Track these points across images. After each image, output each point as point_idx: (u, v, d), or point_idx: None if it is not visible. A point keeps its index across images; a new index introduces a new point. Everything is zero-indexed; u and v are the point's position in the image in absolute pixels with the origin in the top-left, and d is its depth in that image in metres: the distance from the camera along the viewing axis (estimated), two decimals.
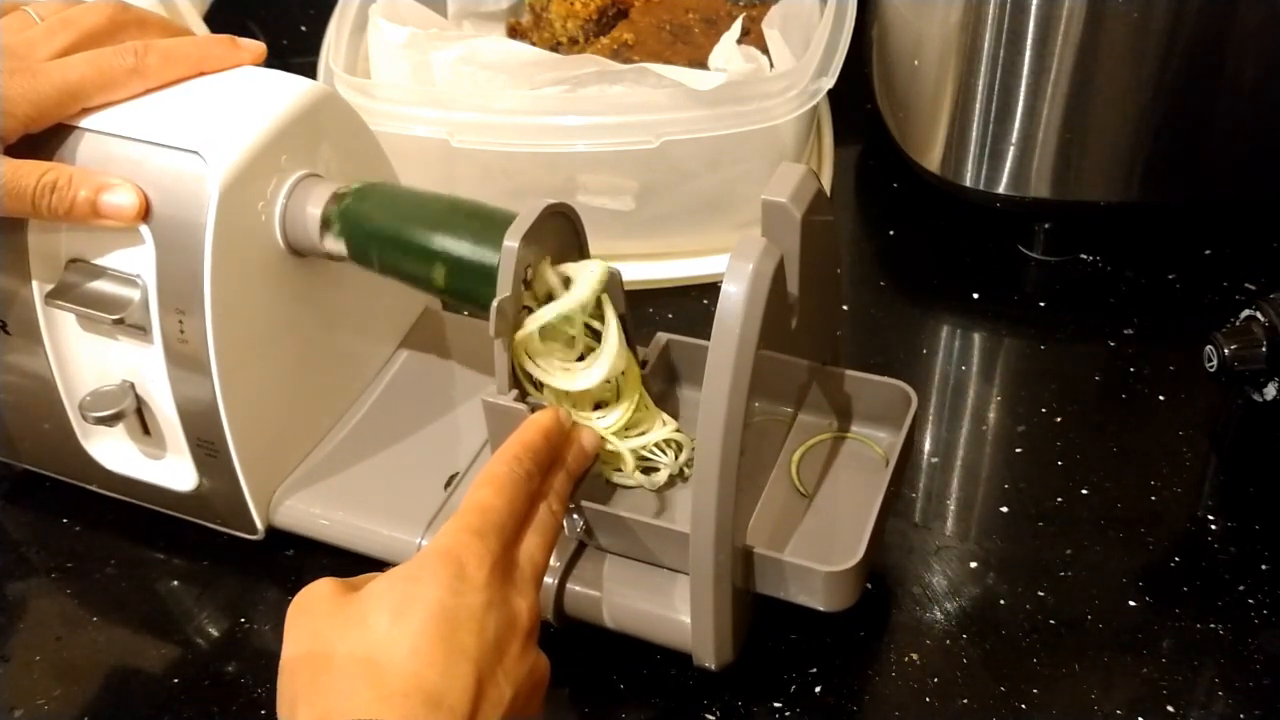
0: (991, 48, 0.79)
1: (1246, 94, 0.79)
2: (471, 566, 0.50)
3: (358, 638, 0.47)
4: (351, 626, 0.48)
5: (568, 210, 0.63)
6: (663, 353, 0.69)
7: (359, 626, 0.47)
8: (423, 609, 0.48)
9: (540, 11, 0.95)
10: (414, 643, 0.47)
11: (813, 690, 0.62)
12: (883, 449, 0.67)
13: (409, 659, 0.46)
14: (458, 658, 0.47)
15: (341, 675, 0.46)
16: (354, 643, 0.47)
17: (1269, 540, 0.69)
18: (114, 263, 0.64)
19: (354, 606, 0.49)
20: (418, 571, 0.49)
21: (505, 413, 0.60)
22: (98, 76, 0.62)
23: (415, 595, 0.48)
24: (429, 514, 0.67)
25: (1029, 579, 0.67)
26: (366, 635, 0.47)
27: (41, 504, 0.73)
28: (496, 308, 0.58)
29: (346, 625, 0.48)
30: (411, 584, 0.49)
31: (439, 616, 0.48)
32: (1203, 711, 0.61)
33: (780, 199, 0.56)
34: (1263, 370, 0.69)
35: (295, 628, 0.49)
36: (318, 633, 0.48)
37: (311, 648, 0.48)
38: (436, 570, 0.49)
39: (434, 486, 0.69)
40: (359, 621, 0.48)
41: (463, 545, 0.50)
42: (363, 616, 0.48)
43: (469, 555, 0.50)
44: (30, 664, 0.65)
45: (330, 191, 0.64)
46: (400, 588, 0.49)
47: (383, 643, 0.47)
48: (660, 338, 0.70)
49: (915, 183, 0.90)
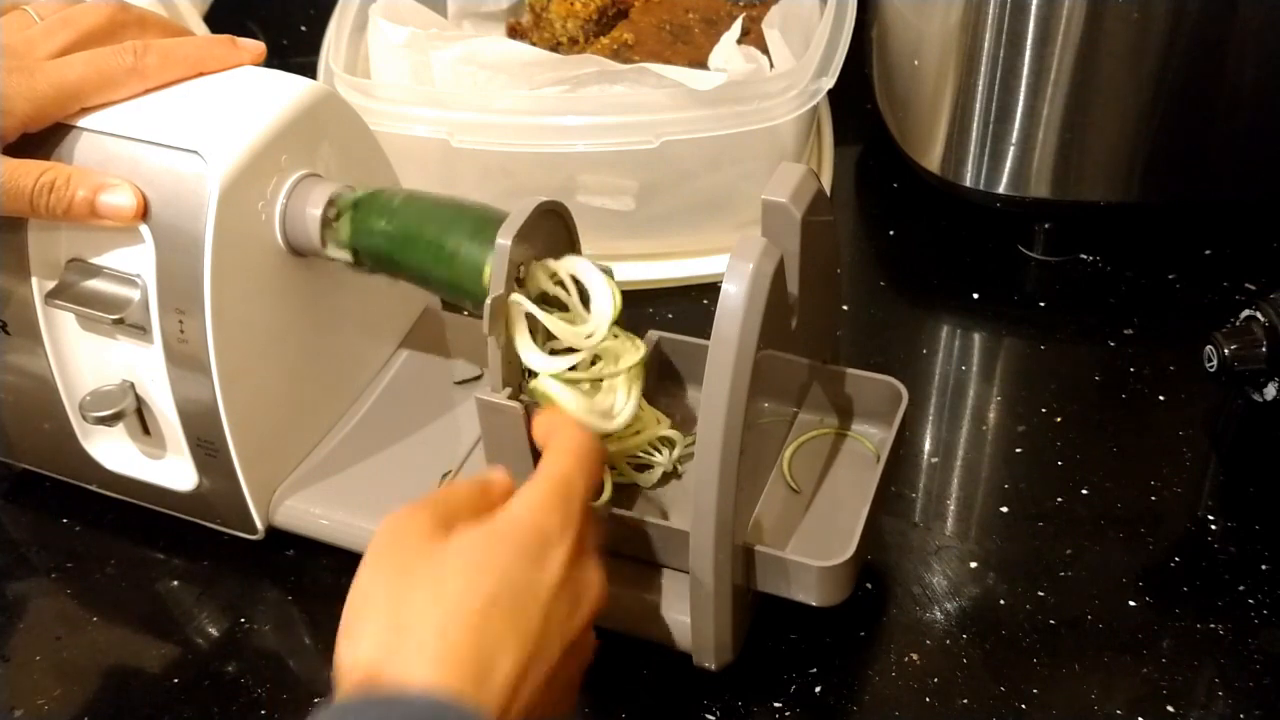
0: (991, 48, 0.79)
1: (1246, 94, 0.79)
2: (551, 544, 0.50)
3: (435, 591, 0.48)
4: (431, 579, 0.48)
5: (560, 208, 0.63)
6: (655, 350, 0.69)
7: (438, 581, 0.48)
8: (494, 579, 0.48)
9: (540, 11, 0.95)
10: (481, 615, 0.47)
11: (813, 690, 0.62)
12: (875, 445, 0.67)
13: (473, 631, 0.47)
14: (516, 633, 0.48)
15: (411, 624, 0.47)
16: (430, 596, 0.48)
17: (1269, 540, 0.69)
18: (114, 262, 0.64)
19: (438, 558, 0.49)
20: (499, 538, 0.50)
21: (499, 410, 0.60)
22: (97, 76, 0.62)
23: (492, 564, 0.49)
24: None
25: (1029, 579, 0.67)
26: (442, 592, 0.48)
27: (41, 504, 0.73)
28: (489, 305, 0.59)
29: (427, 576, 0.48)
30: (491, 552, 0.49)
31: (509, 590, 0.48)
32: (1203, 711, 0.61)
33: (780, 199, 0.56)
34: (1263, 370, 0.69)
35: (381, 558, 0.50)
36: (401, 569, 0.49)
37: (389, 587, 0.48)
38: (517, 541, 0.50)
39: (434, 486, 0.69)
40: (438, 576, 0.48)
41: (545, 520, 0.51)
42: (442, 572, 0.48)
43: (551, 531, 0.51)
44: (30, 664, 0.65)
45: (330, 191, 0.64)
46: (479, 554, 0.49)
47: (454, 606, 0.47)
48: (651, 335, 0.70)
49: (915, 183, 0.90)
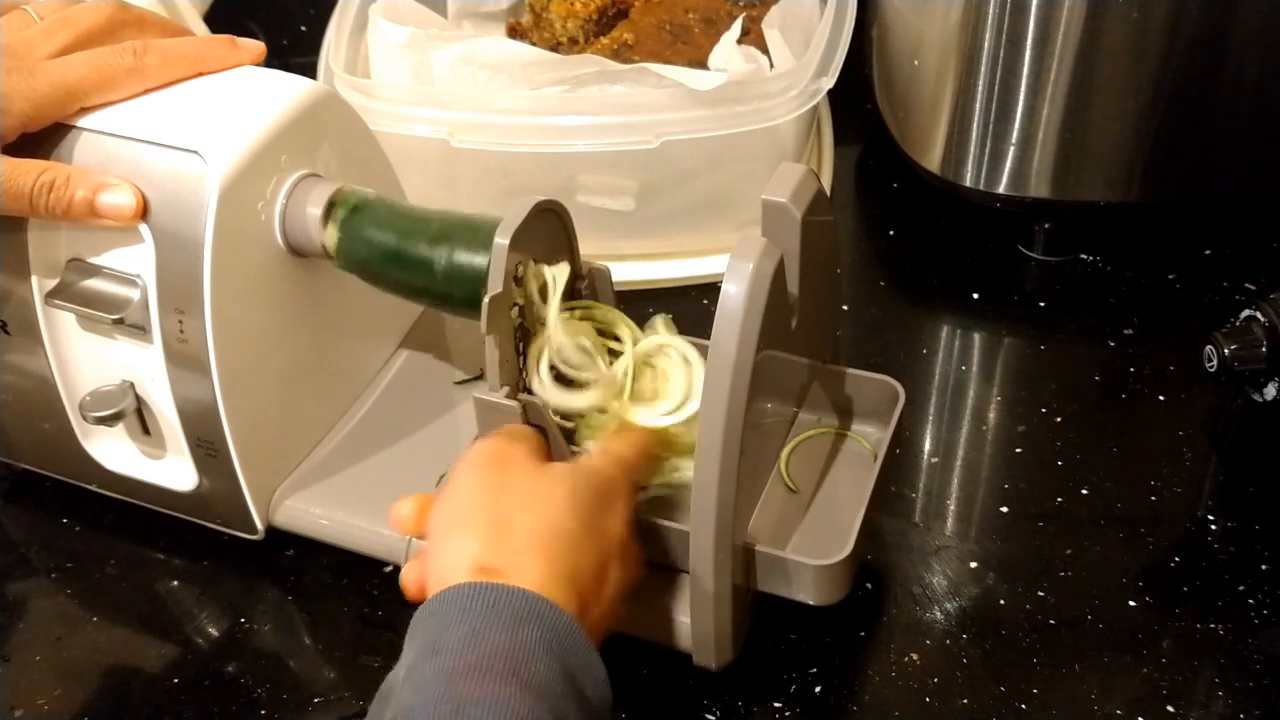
0: (991, 48, 0.79)
1: (1246, 94, 0.79)
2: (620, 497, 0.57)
3: (541, 510, 0.53)
4: (537, 499, 0.53)
5: (557, 207, 0.63)
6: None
7: (544, 501, 0.53)
8: (586, 514, 0.54)
9: (540, 11, 0.95)
10: (577, 541, 0.53)
11: (813, 690, 0.62)
12: (873, 445, 0.67)
13: (574, 554, 0.52)
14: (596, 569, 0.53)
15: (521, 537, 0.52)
16: (537, 514, 0.53)
17: (1269, 540, 0.68)
18: (114, 262, 0.64)
19: (541, 481, 0.55)
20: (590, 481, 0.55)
21: (497, 410, 0.60)
22: (96, 76, 0.62)
23: (582, 498, 0.54)
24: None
25: (1029, 579, 0.67)
26: (549, 512, 0.53)
27: (41, 504, 0.73)
28: (487, 304, 0.59)
29: (532, 495, 0.54)
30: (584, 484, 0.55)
31: (594, 527, 0.54)
32: (1203, 711, 0.61)
33: (780, 199, 0.56)
34: (1263, 370, 0.69)
35: (485, 472, 0.55)
36: (505, 487, 0.54)
37: (498, 496, 0.54)
38: (601, 487, 0.56)
39: (433, 487, 0.68)
40: (543, 498, 0.54)
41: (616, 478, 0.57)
42: (547, 495, 0.54)
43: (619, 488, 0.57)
44: (30, 664, 0.65)
45: (330, 192, 0.64)
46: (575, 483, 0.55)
47: (557, 528, 0.52)
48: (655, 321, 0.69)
49: (915, 183, 0.90)
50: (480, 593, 0.48)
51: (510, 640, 0.46)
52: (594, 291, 0.67)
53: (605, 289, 0.68)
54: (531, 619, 0.47)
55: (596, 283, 0.67)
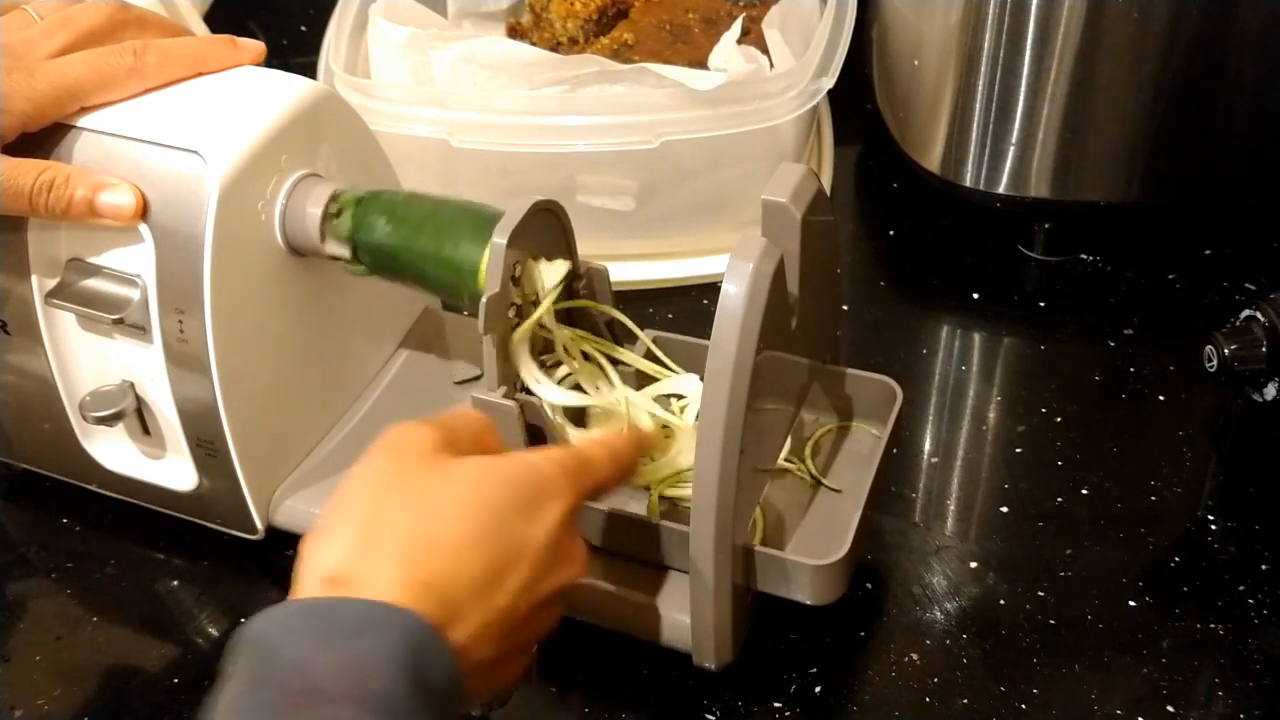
0: (991, 48, 0.79)
1: (1246, 94, 0.79)
2: (550, 500, 0.51)
3: (420, 510, 0.48)
4: (420, 497, 0.49)
5: (555, 207, 0.63)
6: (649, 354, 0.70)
7: (426, 501, 0.48)
8: (490, 518, 0.49)
9: (540, 11, 0.95)
10: (463, 546, 0.48)
11: (813, 690, 0.62)
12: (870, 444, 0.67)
13: (450, 557, 0.47)
14: (496, 581, 0.48)
15: (385, 539, 0.47)
16: (414, 514, 0.48)
17: (1269, 540, 0.68)
18: (114, 262, 0.64)
19: (433, 477, 0.49)
20: (504, 477, 0.50)
21: (495, 409, 0.60)
22: (96, 76, 0.62)
23: (489, 500, 0.49)
24: None
25: (1029, 579, 0.67)
26: (428, 514, 0.48)
27: (41, 504, 0.73)
28: (485, 304, 0.59)
29: (416, 493, 0.49)
30: (493, 488, 0.50)
31: (500, 534, 0.49)
32: (1203, 711, 0.61)
33: (780, 199, 0.56)
34: (1263, 370, 0.69)
35: (376, 463, 0.50)
36: (390, 483, 0.49)
37: (379, 493, 0.49)
38: (520, 486, 0.50)
39: None
40: (428, 496, 0.49)
41: (553, 476, 0.51)
42: (433, 493, 0.49)
43: (552, 489, 0.51)
44: (30, 664, 0.65)
45: (330, 191, 0.64)
46: (481, 487, 0.49)
47: (437, 530, 0.48)
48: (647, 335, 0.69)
49: (915, 183, 0.90)
50: (312, 612, 0.45)
51: (342, 658, 0.43)
52: (592, 291, 0.67)
53: (603, 289, 0.68)
54: (368, 630, 0.44)
55: (594, 282, 0.67)
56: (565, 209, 0.65)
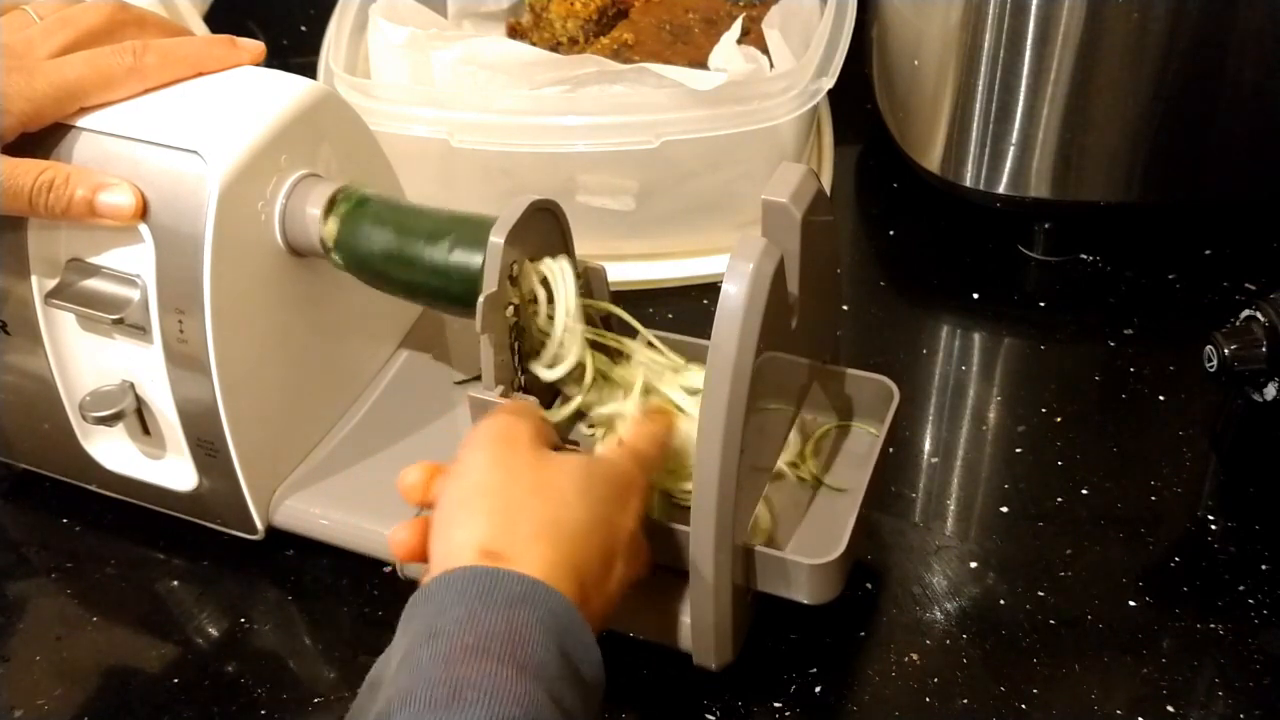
0: (991, 48, 0.79)
1: (1246, 94, 0.79)
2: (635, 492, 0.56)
3: (549, 496, 0.53)
4: (546, 485, 0.53)
5: (553, 207, 0.63)
6: None
7: (552, 488, 0.53)
8: (599, 509, 0.53)
9: (540, 11, 0.95)
10: (585, 535, 0.52)
11: (813, 690, 0.62)
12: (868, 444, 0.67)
13: (583, 545, 0.52)
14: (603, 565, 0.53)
15: (528, 522, 0.51)
16: (545, 500, 0.52)
17: (1269, 540, 0.68)
18: (113, 262, 0.64)
19: (550, 468, 0.54)
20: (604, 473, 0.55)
21: (490, 409, 0.60)
22: (96, 76, 0.62)
23: (595, 492, 0.54)
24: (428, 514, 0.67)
25: (1029, 579, 0.67)
26: (556, 499, 0.53)
27: (41, 504, 0.73)
28: (483, 304, 0.59)
29: (541, 481, 0.53)
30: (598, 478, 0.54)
31: (605, 523, 0.53)
32: (1203, 711, 0.61)
33: (780, 199, 0.56)
34: (1263, 370, 0.69)
35: (495, 452, 0.54)
36: (514, 470, 0.53)
37: (507, 479, 0.53)
38: (617, 481, 0.55)
39: None
40: (552, 485, 0.53)
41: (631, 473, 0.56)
42: (555, 482, 0.53)
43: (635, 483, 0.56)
44: (30, 664, 0.65)
45: (330, 191, 0.64)
46: (590, 479, 0.54)
47: (567, 517, 0.52)
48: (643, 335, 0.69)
49: (915, 183, 0.90)
50: (477, 577, 0.48)
51: (507, 623, 0.46)
52: (589, 291, 0.67)
53: (601, 288, 0.68)
54: (528, 602, 0.47)
55: (592, 282, 0.67)
56: (563, 209, 0.65)
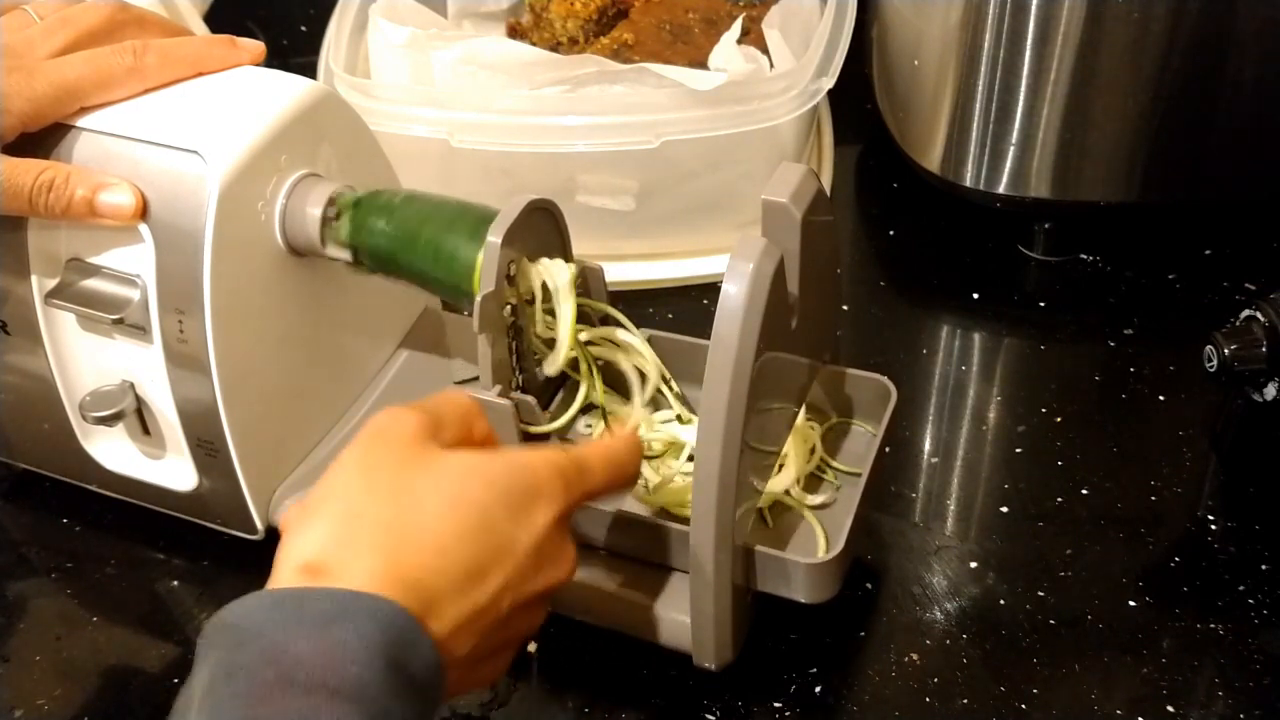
0: (991, 48, 0.79)
1: (1246, 94, 0.79)
2: (541, 503, 0.50)
3: (404, 502, 0.48)
4: (405, 488, 0.48)
5: (551, 206, 0.63)
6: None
7: (411, 493, 0.48)
8: (476, 517, 0.48)
9: (540, 11, 0.95)
10: (446, 541, 0.47)
11: (813, 690, 0.62)
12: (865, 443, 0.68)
13: (432, 553, 0.47)
14: (477, 578, 0.47)
15: (366, 529, 0.47)
16: (397, 506, 0.47)
17: (1269, 540, 0.68)
18: (113, 262, 0.64)
19: (419, 468, 0.48)
20: (494, 475, 0.49)
21: (489, 408, 0.60)
22: (96, 75, 0.62)
23: (477, 499, 0.48)
24: None
25: (1029, 579, 0.67)
26: (412, 506, 0.47)
27: (41, 504, 0.73)
28: (480, 303, 0.59)
29: (401, 484, 0.48)
30: (482, 486, 0.49)
31: (485, 533, 0.48)
32: (1203, 711, 0.61)
33: (780, 199, 0.56)
34: (1263, 370, 0.69)
35: (361, 449, 0.49)
36: (374, 469, 0.48)
37: (362, 481, 0.48)
38: (510, 486, 0.49)
39: None
40: (413, 488, 0.48)
41: (546, 479, 0.51)
42: (419, 485, 0.48)
43: (545, 492, 0.50)
44: (30, 664, 0.65)
45: (330, 191, 0.64)
46: (470, 484, 0.49)
47: (421, 523, 0.47)
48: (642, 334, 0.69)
49: (915, 183, 0.90)
50: (284, 600, 0.44)
51: (316, 645, 0.42)
52: (587, 290, 0.67)
53: (598, 288, 0.68)
54: (342, 618, 0.43)
55: (590, 282, 0.67)
56: (561, 208, 0.65)
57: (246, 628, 0.43)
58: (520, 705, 0.62)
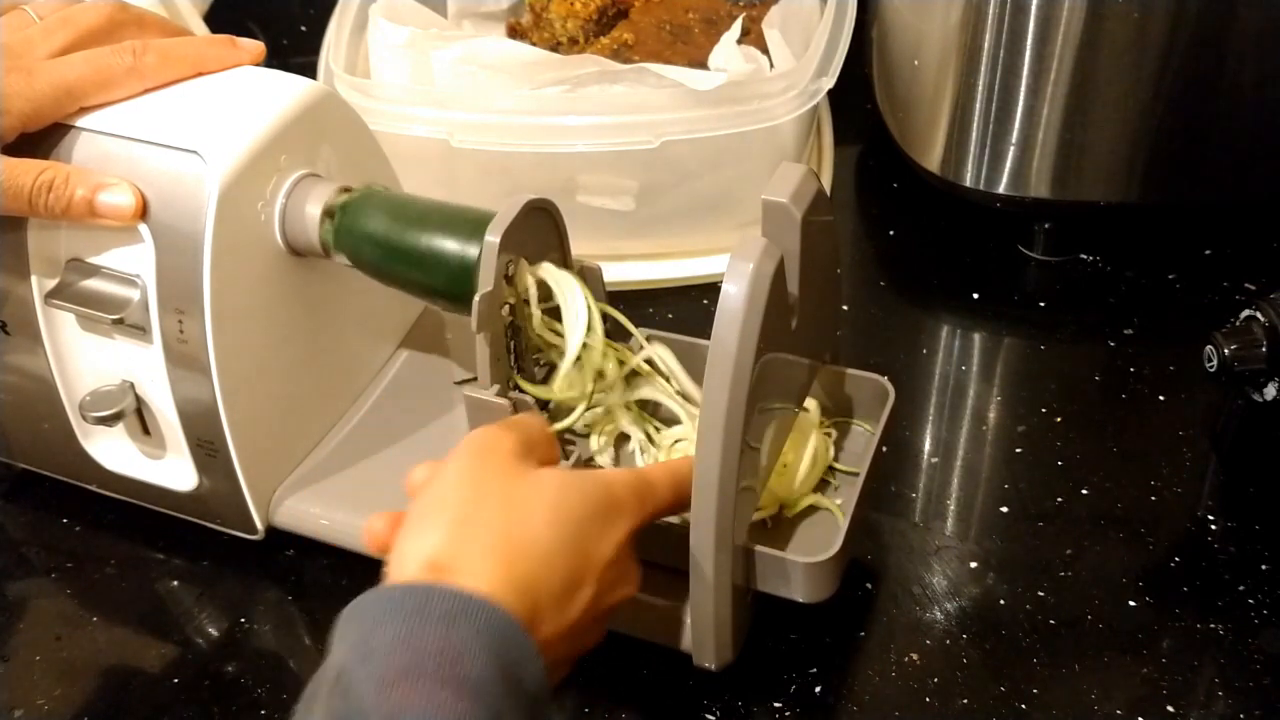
0: (991, 48, 0.79)
1: (1246, 94, 0.79)
2: (621, 518, 0.53)
3: (513, 512, 0.50)
4: (513, 500, 0.51)
5: (549, 206, 0.63)
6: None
7: (520, 504, 0.51)
8: (574, 528, 0.51)
9: (540, 11, 0.95)
10: (553, 547, 0.50)
11: (813, 690, 0.62)
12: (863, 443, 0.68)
13: (542, 559, 0.49)
14: (568, 588, 0.50)
15: (484, 535, 0.49)
16: (508, 516, 0.50)
17: (1269, 540, 0.68)
18: (113, 262, 0.64)
19: (522, 483, 0.52)
20: (585, 492, 0.52)
21: (487, 408, 0.60)
22: (95, 76, 0.62)
23: (574, 512, 0.51)
24: None
25: (1029, 579, 0.67)
26: (521, 516, 0.50)
27: (41, 504, 0.73)
28: (478, 303, 0.59)
29: (509, 496, 0.51)
30: (577, 500, 0.52)
31: (580, 543, 0.51)
32: (1203, 711, 0.61)
33: (780, 199, 0.56)
34: (1263, 370, 0.69)
35: (466, 465, 0.52)
36: (482, 483, 0.51)
37: (473, 492, 0.51)
38: (598, 502, 0.53)
39: None
40: (521, 500, 0.51)
41: (624, 497, 0.54)
42: (525, 498, 0.51)
43: (624, 508, 0.54)
44: (30, 664, 0.65)
45: (330, 191, 0.64)
46: (566, 498, 0.52)
47: (530, 532, 0.50)
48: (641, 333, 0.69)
49: (915, 183, 0.90)
50: (413, 592, 0.46)
51: (443, 639, 0.44)
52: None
53: (597, 287, 0.68)
54: (463, 616, 0.45)
55: (588, 281, 0.67)
56: (560, 208, 0.65)
57: (381, 613, 0.45)
58: None
